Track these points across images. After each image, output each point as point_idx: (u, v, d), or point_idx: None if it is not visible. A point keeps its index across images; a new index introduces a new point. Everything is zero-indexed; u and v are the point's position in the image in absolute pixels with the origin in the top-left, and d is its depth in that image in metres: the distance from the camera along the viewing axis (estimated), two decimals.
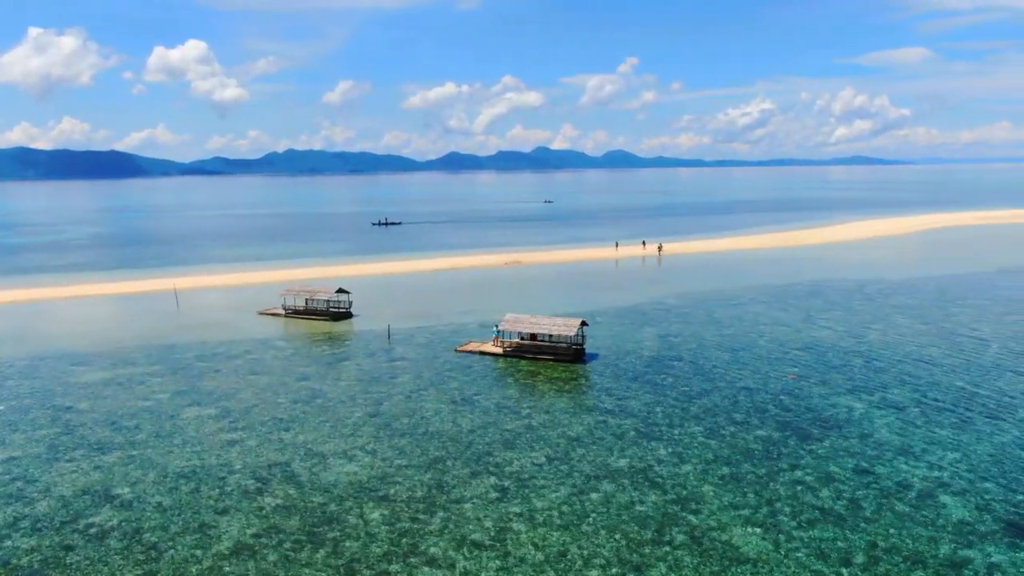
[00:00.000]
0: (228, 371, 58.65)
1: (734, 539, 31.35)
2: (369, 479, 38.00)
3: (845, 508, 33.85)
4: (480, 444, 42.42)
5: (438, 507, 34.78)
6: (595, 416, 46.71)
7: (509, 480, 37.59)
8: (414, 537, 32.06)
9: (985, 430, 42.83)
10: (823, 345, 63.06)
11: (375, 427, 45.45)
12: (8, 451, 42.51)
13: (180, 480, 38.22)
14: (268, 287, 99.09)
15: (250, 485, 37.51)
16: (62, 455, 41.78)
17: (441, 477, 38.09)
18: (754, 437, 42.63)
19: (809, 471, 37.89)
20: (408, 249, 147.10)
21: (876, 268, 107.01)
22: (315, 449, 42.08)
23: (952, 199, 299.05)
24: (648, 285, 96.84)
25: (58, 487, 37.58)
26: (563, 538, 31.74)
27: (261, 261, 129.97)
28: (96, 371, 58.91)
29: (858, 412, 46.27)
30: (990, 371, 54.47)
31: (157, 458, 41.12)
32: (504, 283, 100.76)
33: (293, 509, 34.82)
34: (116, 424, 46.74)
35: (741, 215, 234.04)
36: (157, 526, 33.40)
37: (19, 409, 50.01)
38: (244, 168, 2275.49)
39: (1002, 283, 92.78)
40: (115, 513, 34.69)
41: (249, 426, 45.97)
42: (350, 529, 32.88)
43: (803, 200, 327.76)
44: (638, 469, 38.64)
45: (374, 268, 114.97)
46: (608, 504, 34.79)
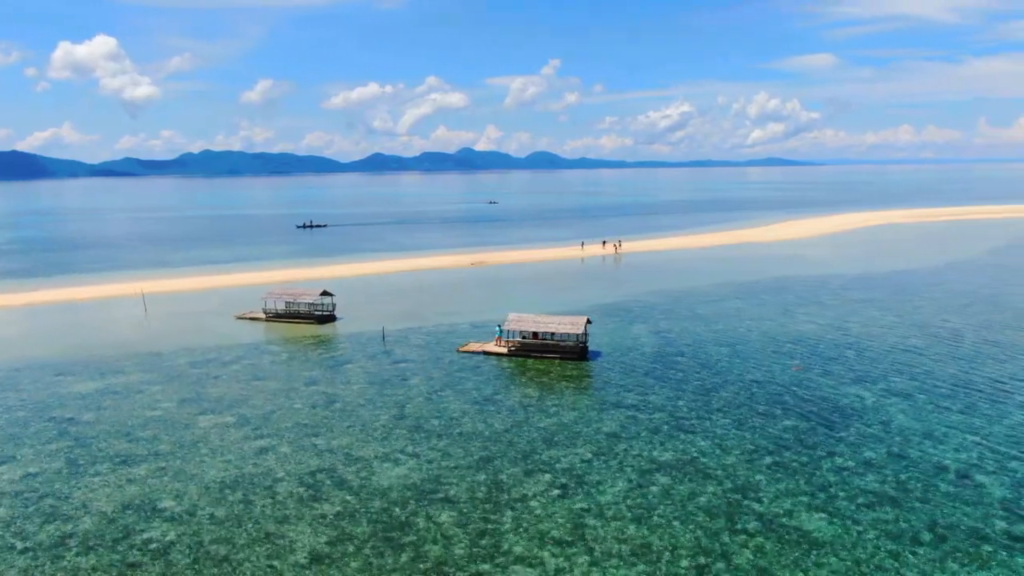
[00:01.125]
0: (228, 377, 56.72)
1: (803, 524, 32.49)
2: (422, 481, 37.56)
3: (895, 490, 35.51)
4: (521, 443, 42.47)
5: (504, 506, 34.71)
6: (623, 412, 47.39)
7: (564, 477, 37.82)
8: (493, 537, 31.95)
9: (992, 414, 45.59)
10: (812, 338, 65.65)
11: (407, 429, 44.88)
12: (23, 467, 40.07)
13: (225, 490, 36.89)
14: (232, 291, 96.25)
15: (302, 492, 36.53)
16: (85, 469, 39.66)
17: (495, 477, 38.00)
18: (783, 427, 44.15)
19: (847, 458, 39.52)
20: (357, 252, 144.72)
21: (831, 264, 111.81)
22: (354, 454, 41.27)
23: (873, 198, 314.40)
24: (621, 283, 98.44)
25: (95, 503, 35.70)
26: (640, 531, 32.22)
27: (208, 265, 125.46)
28: (85, 381, 55.98)
29: (870, 401, 48.48)
30: (974, 360, 57.88)
31: (191, 469, 39.54)
32: (477, 284, 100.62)
33: (357, 515, 34.12)
34: (131, 435, 44.63)
35: (681, 215, 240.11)
36: (221, 538, 32.19)
37: (16, 422, 47.13)
38: (158, 169, 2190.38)
39: (951, 277, 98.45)
40: (169, 527, 33.24)
41: (275, 433, 44.66)
42: (424, 532, 32.48)
43: (734, 200, 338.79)
44: (685, 461, 39.49)
45: (333, 271, 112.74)
46: (670, 496, 35.46)
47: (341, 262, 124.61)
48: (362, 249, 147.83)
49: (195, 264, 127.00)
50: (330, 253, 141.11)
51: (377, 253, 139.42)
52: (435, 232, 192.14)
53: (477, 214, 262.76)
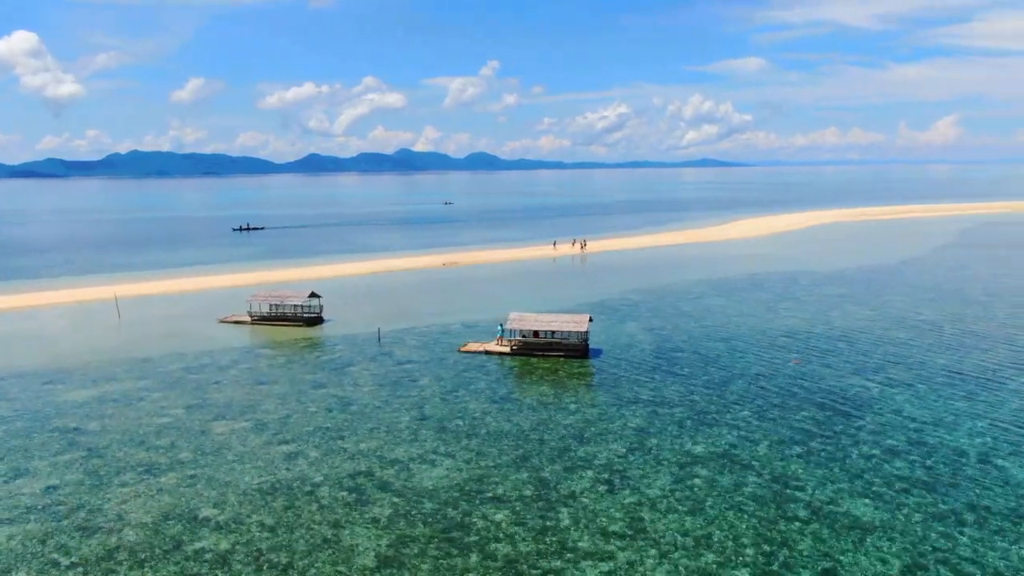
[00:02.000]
0: (229, 382, 55.18)
1: (851, 510, 33.65)
2: (466, 482, 37.39)
3: (925, 475, 37.09)
4: (552, 440, 42.66)
5: (557, 503, 34.86)
6: (642, 407, 48.06)
7: (606, 473, 38.20)
8: (555, 534, 32.07)
9: (992, 401, 47.99)
10: (800, 332, 67.76)
11: (433, 430, 44.56)
12: (41, 479, 38.24)
13: (266, 496, 35.99)
14: (203, 295, 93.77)
15: (346, 497, 35.92)
16: (109, 479, 38.10)
17: (538, 475, 38.10)
18: (801, 418, 45.53)
19: (871, 445, 41.04)
20: (322, 254, 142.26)
21: (794, 261, 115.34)
22: (387, 456, 40.76)
23: (813, 198, 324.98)
24: (599, 282, 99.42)
25: (132, 514, 34.36)
26: (697, 523, 32.83)
27: (163, 269, 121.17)
28: (77, 389, 53.65)
29: (875, 391, 50.40)
30: (958, 350, 60.74)
31: (222, 476, 38.41)
32: (455, 284, 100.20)
33: (410, 517, 33.76)
34: (146, 443, 43.06)
35: (635, 215, 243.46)
36: (278, 546, 31.43)
37: (17, 433, 44.88)
38: (83, 170, 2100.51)
39: (910, 272, 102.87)
40: (219, 536, 32.28)
41: (299, 438, 43.73)
42: (484, 531, 32.39)
43: (681, 200, 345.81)
44: (718, 453, 40.35)
45: (305, 273, 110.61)
46: (715, 488, 36.21)
47: (308, 264, 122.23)
48: (327, 251, 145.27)
49: (150, 268, 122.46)
50: (295, 255, 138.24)
51: (344, 255, 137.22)
52: (395, 233, 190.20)
53: (434, 215, 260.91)
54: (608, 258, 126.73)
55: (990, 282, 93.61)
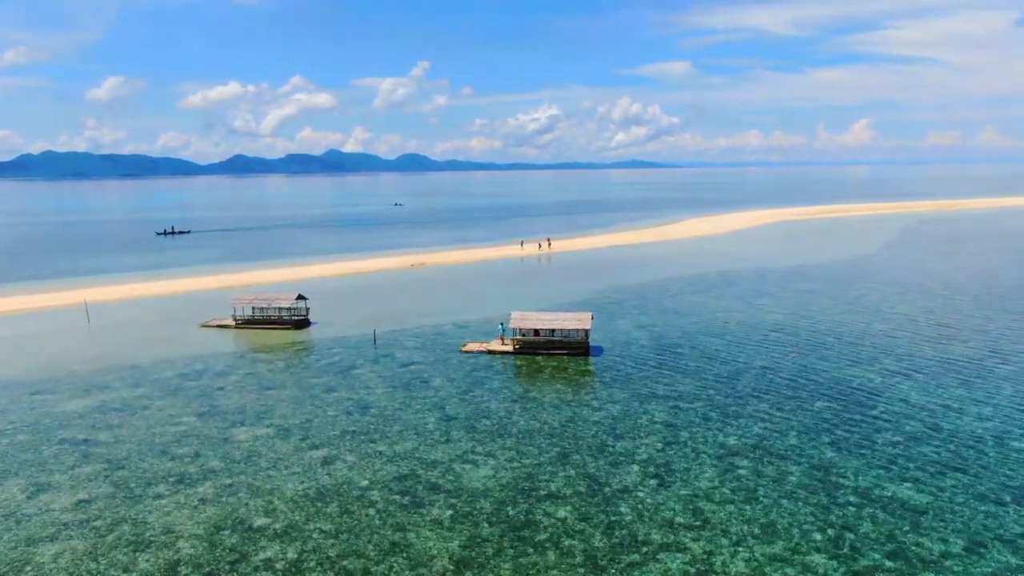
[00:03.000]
0: (233, 388, 53.42)
1: (896, 494, 35.03)
2: (515, 480, 37.29)
3: (953, 459, 38.90)
4: (586, 437, 42.91)
5: (613, 498, 35.13)
6: (662, 402, 48.79)
7: (651, 467, 38.68)
8: (624, 528, 32.33)
9: (986, 387, 50.64)
10: (787, 327, 69.93)
11: (464, 431, 44.22)
12: (67, 493, 36.30)
13: (315, 503, 35.08)
14: (172, 299, 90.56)
15: (400, 500, 35.35)
16: (142, 491, 36.47)
17: (584, 471, 38.30)
18: (819, 408, 47.06)
19: (893, 432, 42.74)
20: (283, 256, 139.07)
21: (757, 258, 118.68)
22: (426, 458, 40.26)
23: (752, 198, 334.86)
24: (576, 281, 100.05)
25: (180, 526, 32.99)
26: (756, 512, 33.61)
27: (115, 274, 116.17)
28: (71, 398, 51.04)
29: (877, 381, 52.49)
30: (940, 340, 63.80)
31: (261, 484, 37.24)
32: (432, 285, 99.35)
33: (473, 517, 33.47)
34: (168, 453, 41.35)
35: (587, 215, 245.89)
36: (349, 552, 30.72)
37: (23, 447, 42.44)
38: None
39: (869, 268, 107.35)
40: (283, 545, 31.33)
41: (328, 442, 42.74)
42: (553, 528, 32.39)
43: (624, 200, 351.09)
44: (752, 444, 41.35)
45: (272, 276, 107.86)
46: (761, 477, 37.12)
47: (269, 268, 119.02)
48: (285, 254, 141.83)
49: (84, 275, 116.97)
50: (251, 259, 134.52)
51: (305, 257, 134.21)
52: (350, 235, 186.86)
53: (386, 216, 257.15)
54: (575, 257, 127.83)
55: (945, 276, 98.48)
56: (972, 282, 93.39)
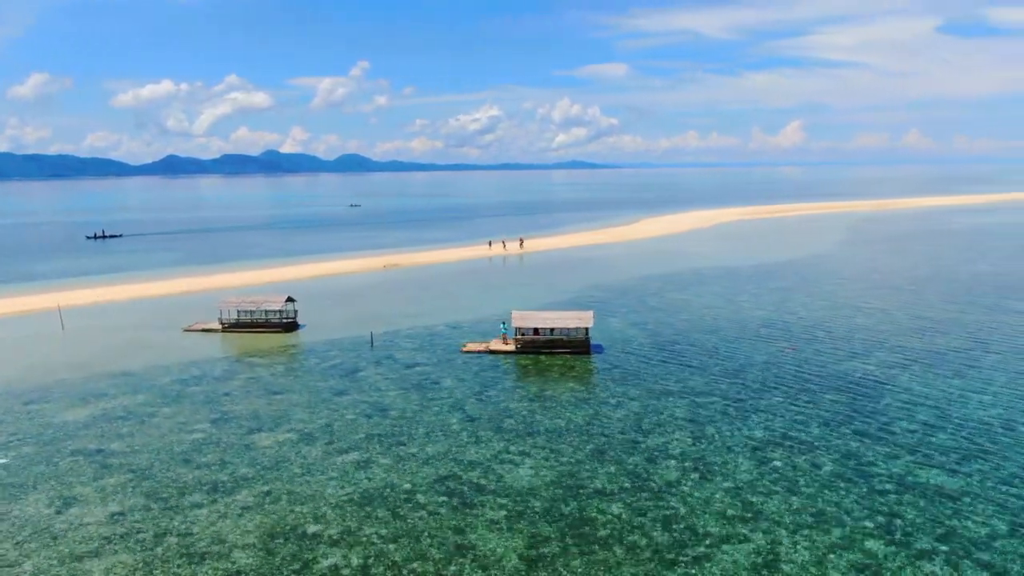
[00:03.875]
0: (239, 394, 51.95)
1: (929, 480, 36.40)
2: (559, 478, 37.34)
3: (971, 445, 40.61)
4: (614, 434, 43.25)
5: (663, 493, 35.51)
6: (678, 398, 49.53)
7: (688, 461, 39.25)
8: (681, 521, 32.74)
9: (980, 376, 53.01)
10: (775, 322, 71.79)
11: (491, 431, 44.04)
12: (98, 506, 34.75)
13: (364, 508, 34.45)
14: (148, 303, 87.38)
15: (448, 501, 35.01)
16: (176, 501, 35.17)
17: (624, 467, 38.60)
18: (830, 400, 48.50)
19: (908, 422, 44.35)
20: (247, 258, 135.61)
21: (723, 257, 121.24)
22: (462, 459, 39.96)
23: (701, 198, 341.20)
24: (555, 280, 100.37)
25: (230, 535, 31.98)
26: (803, 502, 34.45)
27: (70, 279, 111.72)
28: (71, 407, 48.81)
29: (877, 374, 54.38)
30: (923, 333, 66.44)
31: (301, 490, 36.36)
32: (409, 285, 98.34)
33: (529, 516, 33.39)
34: (192, 461, 39.99)
35: (545, 215, 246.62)
36: (412, 556, 30.28)
37: (33, 459, 40.41)
38: None
39: (832, 265, 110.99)
40: (345, 551, 30.68)
41: (356, 446, 41.98)
42: (612, 524, 32.55)
43: (575, 201, 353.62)
44: (778, 436, 42.33)
45: (239, 279, 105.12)
46: (796, 468, 38.07)
47: (235, 270, 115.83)
48: (246, 257, 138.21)
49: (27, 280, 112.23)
50: (214, 261, 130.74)
51: (270, 259, 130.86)
52: (311, 236, 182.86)
53: (344, 218, 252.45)
54: (545, 257, 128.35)
55: (906, 272, 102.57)
56: (934, 278, 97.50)
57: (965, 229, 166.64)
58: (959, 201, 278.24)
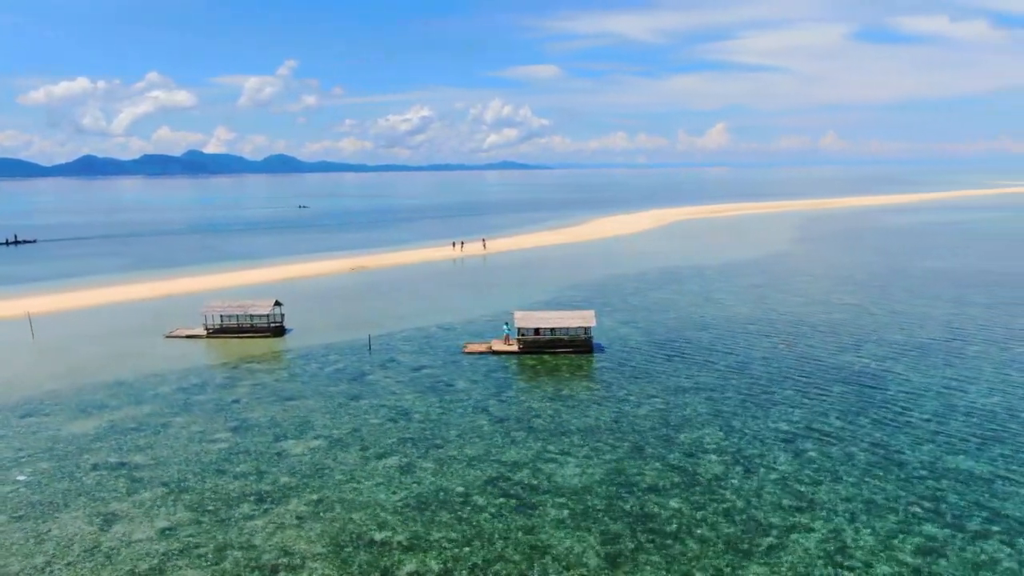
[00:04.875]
0: (249, 401, 50.36)
1: (959, 466, 38.23)
2: (607, 475, 37.66)
3: (985, 431, 42.80)
4: (645, 431, 43.84)
5: (715, 487, 36.23)
6: (695, 394, 50.54)
7: (726, 455, 40.13)
8: (742, 513, 33.49)
9: (969, 366, 55.89)
10: (758, 318, 73.94)
11: (523, 431, 44.04)
12: (143, 522, 33.24)
13: (423, 512, 33.99)
14: (105, 310, 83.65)
15: (506, 502, 34.88)
16: (226, 514, 33.96)
17: (668, 463, 39.18)
18: (840, 392, 50.33)
19: (920, 412, 46.38)
20: (198, 262, 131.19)
21: (687, 256, 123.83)
22: (505, 460, 39.85)
23: (647, 198, 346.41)
24: (529, 280, 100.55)
25: (296, 546, 31.10)
26: (850, 490, 35.68)
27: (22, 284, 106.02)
28: (74, 420, 46.41)
29: (874, 366, 56.68)
30: (904, 327, 69.53)
31: (352, 497, 35.61)
32: (385, 287, 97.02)
33: (591, 515, 33.57)
34: (226, 472, 38.65)
35: (493, 216, 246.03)
36: (492, 558, 30.09)
37: (54, 475, 38.31)
38: None
39: (793, 263, 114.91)
40: (420, 557, 30.25)
41: (393, 450, 41.35)
42: (677, 519, 33.03)
43: (519, 201, 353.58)
44: (804, 428, 43.69)
45: (202, 283, 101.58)
46: (831, 458, 39.36)
47: (192, 274, 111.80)
48: (202, 260, 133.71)
49: None
50: (168, 265, 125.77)
51: (228, 262, 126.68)
52: (265, 238, 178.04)
53: (295, 219, 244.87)
54: (511, 257, 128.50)
55: (865, 268, 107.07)
56: (893, 274, 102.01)
57: (901, 228, 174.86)
58: (886, 201, 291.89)
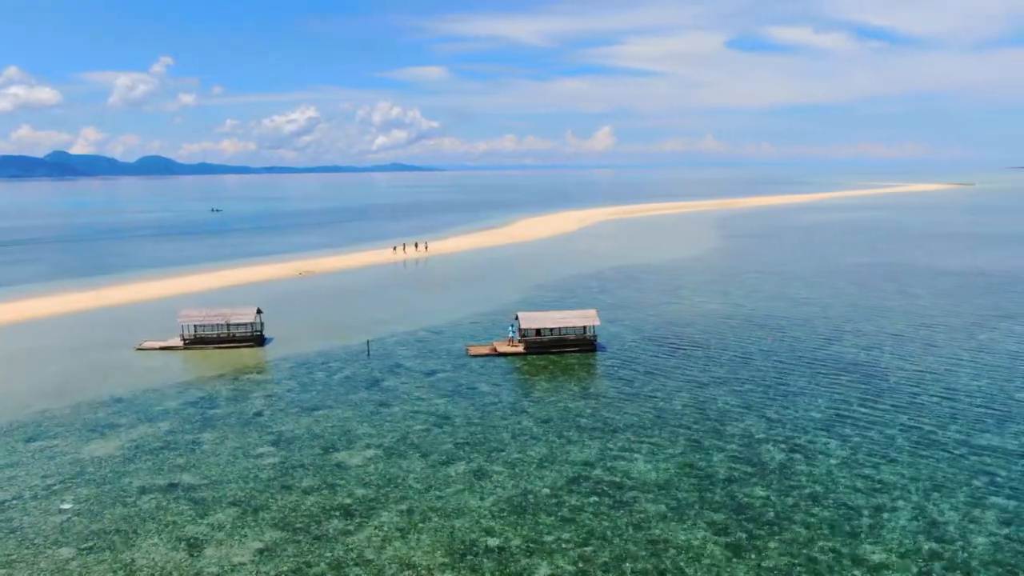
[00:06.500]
0: (273, 413, 47.86)
1: (989, 443, 41.44)
2: (681, 469, 38.43)
3: (991, 411, 46.54)
4: (691, 425, 44.98)
5: (788, 475, 37.69)
6: (715, 387, 52.24)
7: (781, 445, 41.76)
8: (829, 498, 35.01)
9: (947, 354, 60.51)
10: (732, 314, 77.13)
11: (575, 431, 44.23)
12: (236, 544, 31.22)
13: (522, 515, 33.61)
14: (56, 321, 77.37)
15: (600, 500, 35.00)
16: (320, 530, 32.38)
17: (730, 455, 40.39)
18: (846, 381, 53.30)
19: (928, 395, 49.92)
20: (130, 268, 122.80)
21: (631, 255, 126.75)
22: (574, 459, 39.94)
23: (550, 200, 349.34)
24: (486, 282, 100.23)
25: (412, 557, 30.11)
26: (911, 470, 37.96)
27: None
28: (86, 442, 42.72)
29: (863, 356, 60.33)
30: (870, 318, 74.27)
31: (441, 505, 34.72)
32: (344, 292, 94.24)
33: (690, 508, 34.24)
34: (292, 487, 36.80)
35: (413, 218, 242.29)
36: (620, 555, 30.21)
37: (102, 500, 35.24)
38: None
39: (735, 261, 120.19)
40: (547, 559, 29.99)
41: (454, 456, 40.58)
42: (772, 507, 34.10)
43: (431, 204, 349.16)
44: (834, 416, 46.07)
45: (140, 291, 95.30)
46: (874, 442, 41.76)
47: (127, 282, 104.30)
48: (129, 267, 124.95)
49: None
50: (92, 273, 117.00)
51: (156, 269, 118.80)
52: (183, 244, 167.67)
53: (212, 223, 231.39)
54: (456, 259, 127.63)
55: (802, 264, 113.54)
56: (830, 270, 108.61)
57: (810, 225, 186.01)
58: (783, 201, 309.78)
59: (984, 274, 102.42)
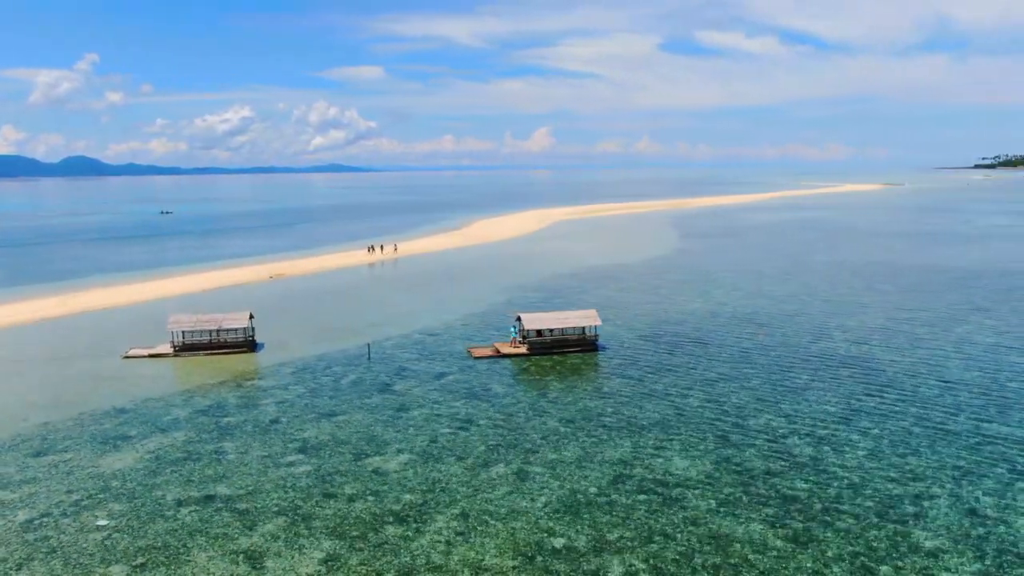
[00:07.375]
0: (289, 421, 46.63)
1: (999, 432, 43.38)
2: (717, 463, 39.07)
3: (989, 401, 48.72)
4: (716, 421, 45.76)
5: (823, 468, 38.67)
6: (725, 384, 53.24)
7: (809, 439, 42.79)
8: (867, 487, 36.07)
9: (935, 347, 63.00)
10: (718, 313, 78.74)
11: (604, 429, 44.52)
12: (297, 555, 30.40)
13: (574, 516, 33.63)
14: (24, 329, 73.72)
15: (648, 499, 35.31)
16: (377, 536, 31.77)
17: (761, 450, 41.22)
18: (851, 375, 55.03)
19: (929, 388, 51.89)
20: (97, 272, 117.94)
21: (601, 255, 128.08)
22: (610, 458, 40.18)
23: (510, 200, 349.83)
24: (463, 284, 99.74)
25: (481, 560, 29.89)
26: (936, 459, 39.43)
27: None
28: (100, 455, 40.88)
29: (855, 350, 62.32)
30: (852, 315, 76.73)
31: (491, 508, 34.48)
32: (322, 294, 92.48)
33: (742, 504, 34.80)
34: (333, 495, 35.99)
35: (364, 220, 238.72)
36: (686, 552, 30.56)
37: (137, 516, 33.77)
38: None
39: (703, 260, 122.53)
40: (617, 558, 30.10)
41: (490, 459, 40.32)
42: (817, 498, 34.95)
43: (380, 205, 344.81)
44: (849, 410, 47.47)
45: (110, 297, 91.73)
46: (895, 433, 43.21)
47: (85, 288, 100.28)
48: (82, 272, 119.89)
49: None
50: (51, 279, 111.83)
51: (117, 274, 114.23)
52: (148, 247, 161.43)
53: (165, 226, 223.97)
54: (427, 260, 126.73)
55: (772, 263, 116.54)
56: (798, 268, 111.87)
57: (765, 225, 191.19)
58: (731, 201, 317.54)
59: (942, 270, 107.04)
